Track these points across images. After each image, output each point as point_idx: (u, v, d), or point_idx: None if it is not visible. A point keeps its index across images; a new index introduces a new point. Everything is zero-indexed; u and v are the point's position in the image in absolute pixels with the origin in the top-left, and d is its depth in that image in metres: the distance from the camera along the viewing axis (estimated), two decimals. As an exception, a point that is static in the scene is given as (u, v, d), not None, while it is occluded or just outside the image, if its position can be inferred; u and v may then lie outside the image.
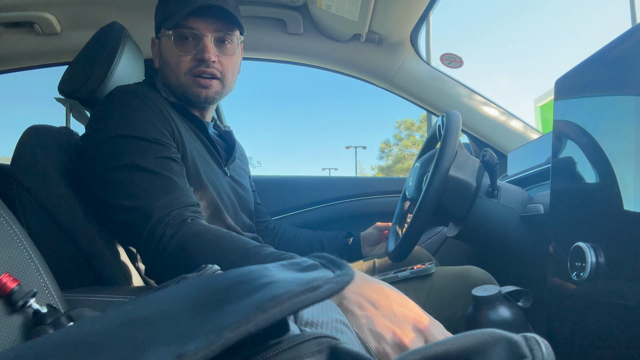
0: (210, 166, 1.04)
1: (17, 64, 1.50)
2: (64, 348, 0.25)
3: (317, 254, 0.35)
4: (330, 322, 0.46)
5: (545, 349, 0.27)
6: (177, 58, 1.01)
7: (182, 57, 1.00)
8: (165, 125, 0.92)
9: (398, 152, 27.08)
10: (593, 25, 70.48)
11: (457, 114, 1.00)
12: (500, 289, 0.81)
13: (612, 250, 0.58)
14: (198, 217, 0.83)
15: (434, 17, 2.37)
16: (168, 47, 1.02)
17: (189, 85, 1.01)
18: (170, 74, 1.03)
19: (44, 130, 0.95)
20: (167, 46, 1.03)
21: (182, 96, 1.04)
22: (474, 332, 0.27)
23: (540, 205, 0.91)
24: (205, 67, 1.00)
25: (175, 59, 1.01)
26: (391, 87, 1.70)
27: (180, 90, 1.03)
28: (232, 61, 1.06)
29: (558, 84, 0.77)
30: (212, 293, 0.29)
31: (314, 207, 1.75)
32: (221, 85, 1.04)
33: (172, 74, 1.02)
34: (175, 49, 1.01)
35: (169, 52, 1.02)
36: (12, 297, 0.59)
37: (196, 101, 1.04)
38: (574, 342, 0.70)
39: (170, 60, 1.02)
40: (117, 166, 0.85)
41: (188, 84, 1.01)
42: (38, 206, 0.88)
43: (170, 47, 1.02)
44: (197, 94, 1.02)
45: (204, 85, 1.01)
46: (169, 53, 1.02)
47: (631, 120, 0.56)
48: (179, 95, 1.04)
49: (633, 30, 0.61)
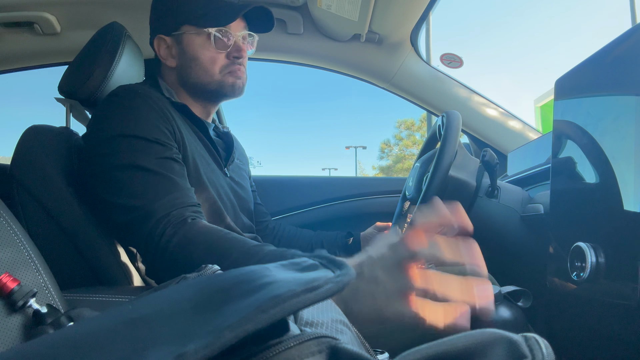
0: (211, 166, 1.04)
1: (17, 64, 1.50)
2: (64, 348, 0.25)
3: (317, 254, 0.35)
4: (330, 322, 0.46)
5: (545, 349, 0.27)
6: (214, 55, 1.03)
7: (219, 54, 1.03)
8: (166, 125, 0.92)
9: (398, 152, 27.10)
10: (593, 25, 70.50)
11: (457, 114, 1.00)
12: (500, 289, 0.81)
13: (612, 250, 0.58)
14: (199, 217, 0.83)
15: (434, 17, 2.37)
16: (199, 45, 1.03)
17: (225, 81, 1.05)
18: (201, 72, 1.04)
19: (44, 130, 0.95)
20: (196, 44, 1.03)
21: (215, 92, 1.06)
22: (474, 332, 0.27)
23: (540, 205, 0.91)
24: (239, 64, 1.06)
25: (211, 56, 1.03)
26: (391, 87, 1.70)
27: (213, 87, 1.05)
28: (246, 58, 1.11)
29: (558, 84, 0.77)
30: (212, 293, 0.29)
31: (314, 207, 1.75)
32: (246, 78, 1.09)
33: (204, 72, 1.04)
34: (212, 47, 1.03)
35: (202, 49, 1.03)
36: (12, 297, 0.59)
37: (231, 94, 1.07)
38: (574, 342, 0.70)
39: (204, 58, 1.03)
40: (118, 166, 0.85)
41: (224, 79, 1.05)
42: (38, 206, 0.88)
43: (203, 45, 1.03)
44: (233, 88, 1.06)
45: (238, 76, 1.06)
46: (202, 51, 1.03)
47: (631, 120, 0.56)
48: (210, 92, 1.06)
49: (633, 30, 0.61)
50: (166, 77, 1.09)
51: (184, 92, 1.08)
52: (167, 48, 1.07)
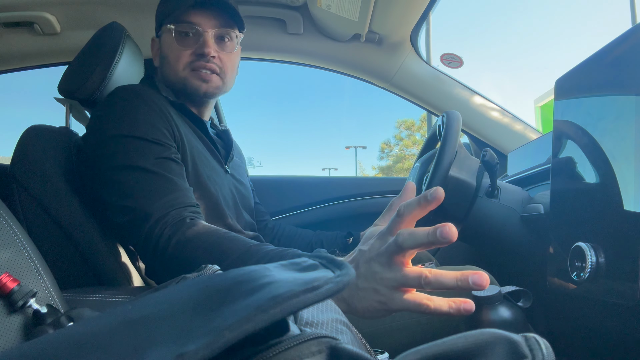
0: (211, 164, 1.04)
1: (17, 64, 1.50)
2: (64, 348, 0.25)
3: (317, 254, 0.35)
4: (330, 322, 0.46)
5: (545, 349, 0.27)
6: (177, 53, 1.01)
7: (182, 51, 1.01)
8: (165, 125, 0.92)
9: (398, 152, 27.10)
10: (593, 25, 70.50)
11: (457, 114, 1.00)
12: (500, 289, 0.80)
13: (612, 250, 0.58)
14: (197, 217, 0.83)
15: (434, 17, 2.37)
16: (168, 43, 1.03)
17: (188, 79, 1.01)
18: (169, 69, 1.03)
19: (44, 130, 0.95)
20: (167, 42, 1.03)
21: (182, 91, 1.04)
22: (474, 332, 0.27)
23: (540, 205, 0.91)
24: (205, 61, 1.00)
25: (175, 53, 1.01)
26: (391, 87, 1.70)
27: (179, 85, 1.03)
28: (231, 58, 1.06)
29: (558, 84, 0.77)
30: (212, 293, 0.29)
31: (314, 207, 1.75)
32: (221, 81, 1.05)
33: (171, 69, 1.03)
34: (175, 43, 1.01)
35: (169, 47, 1.03)
36: (12, 297, 0.59)
37: (195, 95, 1.04)
38: (574, 342, 0.70)
39: (170, 55, 1.03)
40: (117, 166, 0.85)
41: (187, 77, 1.01)
42: (38, 206, 0.88)
43: (170, 42, 1.02)
44: (196, 88, 1.02)
45: (203, 79, 1.01)
46: (169, 48, 1.03)
47: (631, 120, 0.56)
48: (178, 90, 1.04)
49: (633, 30, 0.61)
50: (158, 76, 1.10)
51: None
52: (156, 49, 1.09)
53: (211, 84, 1.03)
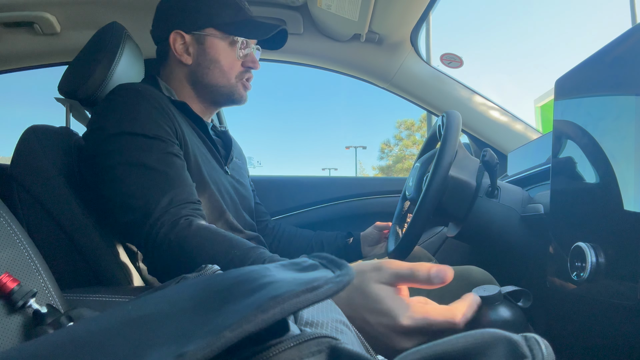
0: (212, 164, 1.04)
1: (17, 64, 1.50)
2: (64, 348, 0.25)
3: (317, 254, 0.35)
4: (330, 322, 0.46)
5: (545, 349, 0.27)
6: (233, 61, 1.09)
7: (237, 61, 1.09)
8: (167, 123, 0.92)
9: (398, 152, 27.10)
10: (593, 25, 70.47)
11: (457, 114, 1.00)
12: (500, 289, 0.80)
13: (612, 250, 0.58)
14: (196, 215, 0.83)
15: (434, 17, 2.36)
16: (221, 49, 1.07)
17: (237, 87, 1.11)
18: (219, 74, 1.08)
19: (44, 130, 0.95)
20: (219, 47, 1.07)
21: (226, 96, 1.10)
22: (474, 332, 0.27)
23: (540, 205, 0.91)
24: (250, 74, 1.13)
25: (231, 62, 1.09)
26: (391, 87, 1.70)
27: (226, 90, 1.10)
28: None
29: (558, 84, 0.77)
30: (212, 293, 0.29)
31: (314, 207, 1.75)
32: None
33: (222, 74, 1.08)
34: (233, 53, 1.08)
35: (224, 54, 1.08)
36: (12, 297, 0.59)
37: (238, 102, 1.13)
38: (574, 342, 0.70)
39: (224, 62, 1.08)
40: (118, 163, 0.85)
41: (236, 85, 1.10)
42: (38, 206, 0.88)
43: (225, 50, 1.08)
44: (241, 96, 1.12)
45: (247, 89, 1.14)
46: (224, 55, 1.08)
47: (631, 120, 0.56)
48: (221, 94, 1.10)
49: (633, 30, 0.61)
50: (172, 72, 1.09)
51: (189, 90, 1.09)
52: (184, 44, 1.07)
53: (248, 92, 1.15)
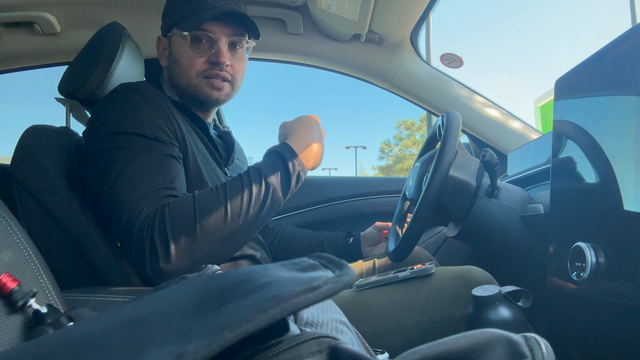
0: (211, 165, 1.04)
1: (17, 64, 1.50)
2: (64, 348, 0.25)
3: (317, 254, 0.35)
4: (330, 322, 0.46)
5: (545, 349, 0.27)
6: (191, 59, 1.02)
7: (196, 58, 1.01)
8: (167, 124, 0.92)
9: (398, 152, 27.09)
10: (593, 25, 70.49)
11: (457, 114, 1.00)
12: (500, 289, 0.80)
13: (612, 250, 0.58)
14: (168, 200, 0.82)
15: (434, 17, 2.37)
16: (181, 48, 1.03)
17: (200, 86, 1.03)
18: (180, 73, 1.04)
19: (44, 130, 0.95)
20: (179, 46, 1.03)
21: (192, 96, 1.04)
22: (474, 332, 0.27)
23: (540, 205, 0.91)
24: (219, 70, 1.02)
25: (188, 60, 1.02)
26: (391, 87, 1.70)
27: (190, 90, 1.04)
28: (242, 65, 1.08)
29: (558, 84, 0.77)
30: (212, 293, 0.29)
31: (314, 207, 1.75)
32: (231, 88, 1.06)
33: (182, 74, 1.03)
34: (189, 50, 1.01)
35: (182, 52, 1.03)
36: (12, 297, 0.59)
37: (206, 102, 1.05)
38: (574, 342, 0.70)
39: (183, 60, 1.03)
40: (116, 162, 0.85)
41: (199, 84, 1.03)
42: (38, 206, 0.88)
43: (183, 48, 1.02)
44: (208, 95, 1.03)
45: (216, 87, 1.03)
46: (182, 53, 1.03)
47: (631, 120, 0.56)
48: (187, 95, 1.04)
49: (633, 30, 0.61)
50: (163, 76, 1.11)
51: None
52: (163, 48, 1.08)
53: (222, 91, 1.04)
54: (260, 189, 0.83)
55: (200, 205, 0.80)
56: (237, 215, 0.81)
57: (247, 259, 1.03)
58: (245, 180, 0.84)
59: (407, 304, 0.93)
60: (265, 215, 0.86)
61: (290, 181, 0.87)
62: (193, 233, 0.78)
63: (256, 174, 0.85)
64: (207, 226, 0.79)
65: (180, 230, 0.78)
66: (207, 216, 0.80)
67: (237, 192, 0.82)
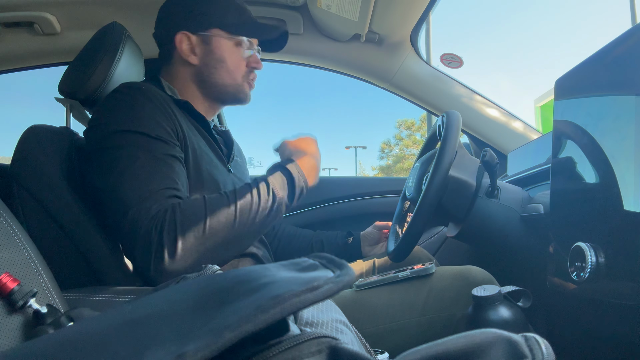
0: (214, 163, 1.04)
1: (17, 64, 1.50)
2: (65, 348, 0.25)
3: (317, 254, 0.35)
4: (330, 322, 0.46)
5: (545, 349, 0.27)
6: (239, 61, 1.11)
7: (242, 61, 1.12)
8: (168, 123, 0.92)
9: (398, 152, 27.09)
10: (593, 25, 70.49)
11: (457, 114, 1.00)
12: (500, 289, 0.80)
13: (612, 250, 0.58)
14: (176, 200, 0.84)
15: (434, 17, 2.37)
16: (227, 49, 1.09)
17: (243, 87, 1.13)
18: (225, 73, 1.10)
19: (44, 130, 0.95)
20: (225, 47, 1.09)
21: (232, 94, 1.12)
22: (474, 332, 0.27)
23: (540, 205, 0.91)
24: (254, 75, 1.16)
25: (237, 61, 1.10)
26: (391, 87, 1.70)
27: (232, 89, 1.12)
28: None
29: (558, 84, 0.77)
30: (212, 293, 0.29)
31: (314, 207, 1.75)
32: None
33: (228, 74, 1.10)
34: (238, 53, 1.10)
35: (229, 53, 1.09)
36: (12, 297, 0.59)
37: (243, 100, 1.15)
38: (574, 342, 0.70)
39: (230, 61, 1.10)
40: (118, 160, 0.85)
41: (243, 85, 1.13)
42: (38, 206, 0.88)
43: (231, 50, 1.10)
44: (246, 95, 1.15)
45: (252, 88, 1.16)
46: (229, 54, 1.10)
47: (631, 120, 0.56)
48: (227, 93, 1.12)
49: (633, 30, 0.61)
50: (177, 72, 1.09)
51: (194, 90, 1.09)
52: (190, 45, 1.07)
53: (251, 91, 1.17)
54: (268, 199, 0.89)
55: (210, 208, 0.83)
56: (244, 221, 0.86)
57: (250, 257, 1.03)
58: (254, 190, 0.89)
59: (407, 304, 0.93)
60: (269, 222, 0.92)
61: (294, 195, 0.95)
62: (202, 235, 0.81)
63: (265, 185, 0.91)
64: (216, 229, 0.82)
65: (190, 231, 0.80)
66: (216, 219, 0.83)
67: (246, 200, 0.87)
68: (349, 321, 0.55)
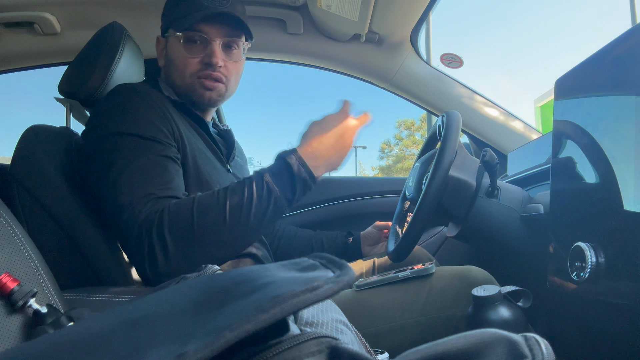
0: (213, 163, 1.04)
1: (17, 64, 1.50)
2: (64, 348, 0.25)
3: (317, 254, 0.35)
4: (330, 322, 0.46)
5: (545, 349, 0.27)
6: (185, 60, 1.02)
7: (190, 59, 1.02)
8: (165, 125, 0.92)
9: (398, 152, 27.09)
10: (593, 25, 70.52)
11: (457, 114, 1.00)
12: (500, 289, 0.80)
13: (612, 250, 0.58)
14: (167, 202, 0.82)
15: (434, 17, 2.36)
16: (175, 48, 1.03)
17: (194, 87, 1.03)
18: (175, 74, 1.05)
19: (44, 130, 0.95)
20: (174, 47, 1.04)
21: (186, 96, 1.05)
22: (474, 332, 0.27)
23: (540, 205, 0.91)
24: (212, 70, 1.02)
25: (182, 60, 1.03)
26: (391, 87, 1.70)
27: (184, 90, 1.05)
28: (237, 66, 1.08)
29: (558, 84, 0.77)
30: (212, 293, 0.29)
31: (314, 207, 1.75)
32: (225, 89, 1.06)
33: (177, 74, 1.04)
34: (183, 50, 1.02)
35: (176, 53, 1.03)
36: (12, 297, 0.59)
37: (199, 102, 1.06)
38: (574, 342, 0.70)
39: (177, 61, 1.04)
40: (114, 162, 0.85)
41: (193, 85, 1.03)
42: (38, 206, 0.88)
43: (178, 49, 1.03)
44: (201, 96, 1.04)
45: (208, 88, 1.04)
46: (176, 54, 1.03)
47: (631, 120, 0.56)
48: (182, 95, 1.05)
49: (633, 30, 0.61)
50: (161, 75, 1.11)
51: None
52: (161, 49, 1.09)
53: (215, 92, 1.05)
54: (262, 193, 0.83)
55: (199, 208, 0.81)
56: (236, 219, 0.81)
57: (249, 257, 1.03)
58: (247, 185, 0.83)
59: (407, 304, 0.93)
60: (269, 220, 0.85)
61: (295, 187, 0.86)
62: (190, 236, 0.79)
63: (259, 179, 0.84)
64: (205, 229, 0.80)
65: (178, 233, 0.79)
66: (205, 219, 0.80)
67: (238, 197, 0.82)
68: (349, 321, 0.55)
